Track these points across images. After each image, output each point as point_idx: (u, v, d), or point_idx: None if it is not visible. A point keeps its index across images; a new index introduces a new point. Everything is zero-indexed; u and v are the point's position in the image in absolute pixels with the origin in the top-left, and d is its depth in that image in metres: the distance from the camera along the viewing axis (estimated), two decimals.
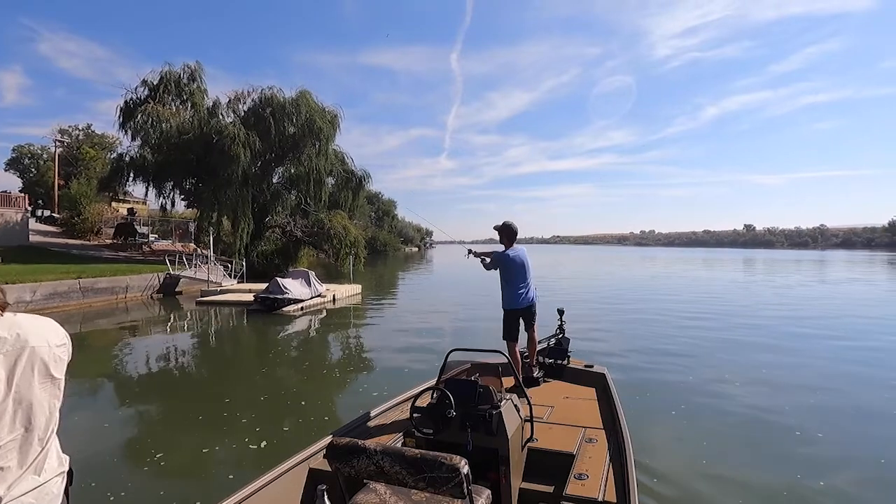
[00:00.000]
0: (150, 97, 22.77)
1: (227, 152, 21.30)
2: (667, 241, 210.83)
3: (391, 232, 76.62)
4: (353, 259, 26.48)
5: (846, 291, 21.63)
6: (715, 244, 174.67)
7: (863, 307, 16.21)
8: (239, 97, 24.45)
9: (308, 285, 15.04)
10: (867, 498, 3.92)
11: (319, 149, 24.71)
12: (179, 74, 23.99)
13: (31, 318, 1.13)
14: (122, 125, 22.81)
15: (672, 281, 27.78)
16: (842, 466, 4.41)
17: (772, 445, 4.82)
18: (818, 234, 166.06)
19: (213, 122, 22.66)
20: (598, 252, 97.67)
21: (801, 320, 12.97)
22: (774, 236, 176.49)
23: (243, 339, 11.56)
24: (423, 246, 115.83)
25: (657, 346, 9.55)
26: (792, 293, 20.60)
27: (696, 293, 20.21)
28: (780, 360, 8.46)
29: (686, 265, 45.42)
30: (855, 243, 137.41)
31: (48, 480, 1.09)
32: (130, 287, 16.80)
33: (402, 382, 6.61)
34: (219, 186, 22.29)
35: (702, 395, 6.44)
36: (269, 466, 2.69)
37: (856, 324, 12.56)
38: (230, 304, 15.20)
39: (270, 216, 26.96)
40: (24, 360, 1.04)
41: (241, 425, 5.35)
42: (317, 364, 8.65)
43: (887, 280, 29.95)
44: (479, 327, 11.92)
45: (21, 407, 1.04)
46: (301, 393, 6.72)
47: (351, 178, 29.59)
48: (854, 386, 6.97)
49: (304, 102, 23.91)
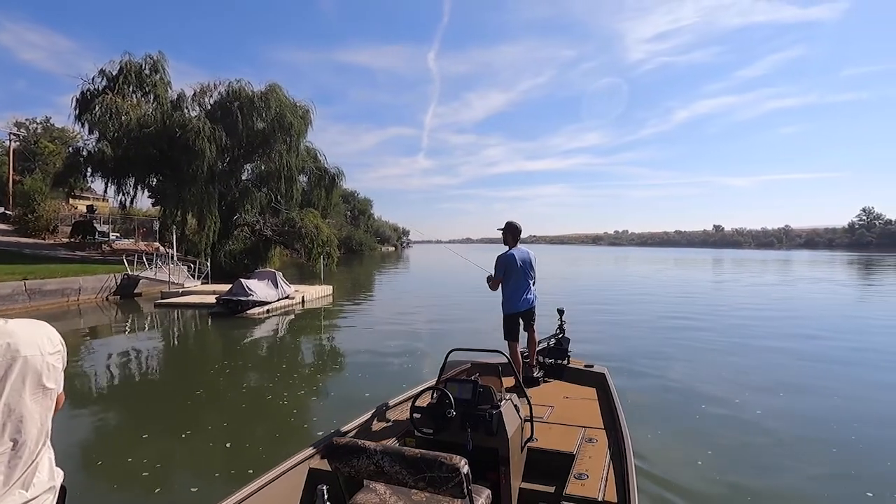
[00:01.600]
0: (108, 88, 21.56)
1: (191, 147, 20.36)
2: (640, 241, 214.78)
3: (367, 231, 75.75)
4: (326, 259, 25.78)
5: (825, 291, 22.09)
6: (686, 244, 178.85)
7: (845, 307, 16.49)
8: (205, 90, 23.46)
9: (275, 287, 14.36)
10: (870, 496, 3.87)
11: (290, 145, 23.90)
12: (141, 65, 22.80)
13: (24, 325, 1.05)
14: (79, 117, 21.58)
15: (659, 281, 27.98)
16: (843, 466, 4.41)
17: (771, 445, 4.81)
18: (783, 234, 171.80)
19: (177, 116, 21.61)
20: (575, 252, 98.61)
21: (790, 320, 13.01)
22: (742, 237, 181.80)
23: (202, 345, 10.86)
24: (400, 245, 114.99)
25: (654, 348, 9.43)
26: (773, 293, 20.89)
27: (684, 293, 20.29)
28: (777, 360, 8.47)
29: (667, 265, 46.04)
30: (817, 244, 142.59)
31: (37, 496, 1.03)
32: (84, 289, 15.78)
33: (372, 388, 6.45)
34: (183, 183, 21.32)
35: (702, 394, 6.44)
36: (269, 466, 2.66)
37: (840, 324, 12.67)
38: (191, 306, 14.40)
39: (239, 214, 25.98)
40: (14, 372, 0.99)
41: (195, 437, 4.94)
42: (279, 370, 8.08)
43: (862, 280, 30.87)
44: (455, 329, 11.52)
45: (10, 420, 0.99)
46: (263, 401, 6.17)
47: (324, 175, 28.87)
48: (852, 385, 6.98)
49: (273, 97, 23.09)
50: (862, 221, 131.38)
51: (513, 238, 4.66)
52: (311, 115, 25.24)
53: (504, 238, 4.70)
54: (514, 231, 4.67)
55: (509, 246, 4.66)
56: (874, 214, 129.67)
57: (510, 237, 4.67)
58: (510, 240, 4.67)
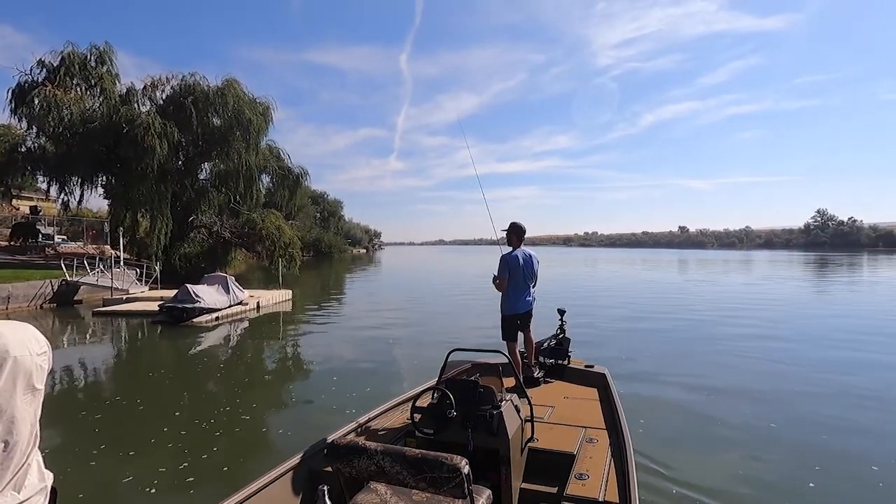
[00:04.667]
0: (48, 80, 20.04)
1: (139, 143, 19.12)
2: (609, 242, 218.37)
3: (337, 233, 74.28)
4: (288, 262, 24.76)
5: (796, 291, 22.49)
6: (653, 245, 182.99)
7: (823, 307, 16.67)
8: (156, 84, 22.18)
9: (226, 292, 13.44)
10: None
11: (249, 143, 22.83)
12: (86, 56, 21.31)
13: (10, 326, 1.03)
14: (14, 111, 20.00)
15: (658, 284, 28.04)
16: (845, 465, 4.44)
17: (772, 444, 4.82)
18: (744, 235, 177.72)
19: (125, 111, 20.27)
20: (548, 253, 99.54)
21: (772, 322, 12.93)
22: (706, 237, 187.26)
23: (137, 358, 9.90)
24: (371, 247, 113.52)
25: (655, 348, 9.42)
26: (752, 293, 21.11)
27: (677, 295, 20.24)
28: (777, 359, 8.54)
29: (648, 266, 46.58)
30: (775, 244, 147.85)
31: (29, 498, 1.02)
32: (13, 296, 14.47)
33: (328, 401, 6.23)
34: (131, 181, 20.05)
35: (702, 394, 6.46)
36: (270, 467, 2.63)
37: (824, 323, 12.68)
38: (134, 314, 13.32)
39: (196, 216, 24.70)
40: (5, 372, 0.96)
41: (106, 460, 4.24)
42: (221, 383, 7.31)
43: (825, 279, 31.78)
44: (421, 336, 10.92)
45: (2, 420, 0.96)
46: (198, 419, 5.43)
47: (287, 175, 27.87)
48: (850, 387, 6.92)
49: (231, 92, 22.01)
50: (816, 222, 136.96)
51: (517, 239, 4.67)
52: (272, 112, 24.25)
53: (508, 239, 4.72)
54: (519, 232, 4.67)
55: (513, 247, 4.66)
56: (827, 216, 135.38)
57: (514, 238, 4.68)
58: (514, 240, 4.68)
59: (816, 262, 49.73)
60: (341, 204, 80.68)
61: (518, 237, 4.70)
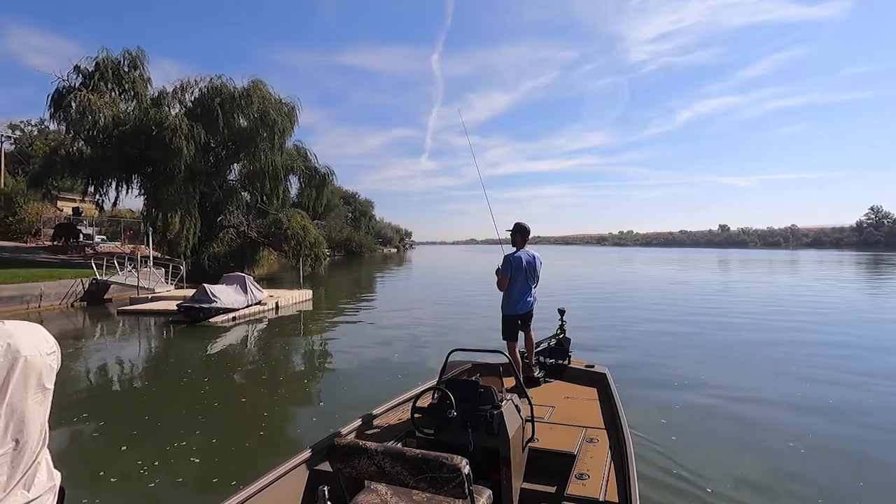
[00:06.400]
0: (83, 85, 20.73)
1: (168, 145, 19.50)
2: (645, 242, 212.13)
3: (368, 233, 74.93)
4: (313, 261, 24.85)
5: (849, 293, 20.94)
6: (691, 244, 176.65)
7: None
8: (185, 86, 22.65)
9: (244, 292, 13.41)
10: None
11: (275, 143, 23.01)
12: (119, 61, 21.96)
13: (20, 326, 1.03)
14: (53, 115, 20.78)
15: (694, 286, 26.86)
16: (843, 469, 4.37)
17: (773, 445, 4.76)
18: (789, 234, 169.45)
19: (153, 113, 20.75)
20: (582, 252, 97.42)
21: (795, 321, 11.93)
22: (748, 236, 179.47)
23: (149, 358, 9.87)
24: (402, 247, 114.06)
25: (659, 348, 9.20)
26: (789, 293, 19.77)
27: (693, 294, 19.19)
28: (785, 360, 8.21)
29: (693, 266, 44.82)
30: (824, 243, 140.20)
31: (38, 496, 1.03)
32: (46, 294, 14.90)
33: (336, 404, 6.11)
34: (161, 182, 20.48)
35: (702, 395, 6.38)
36: (271, 467, 2.64)
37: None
38: (155, 313, 13.47)
39: (224, 216, 25.13)
40: (17, 372, 0.97)
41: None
42: (226, 384, 7.11)
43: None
44: (446, 340, 10.48)
45: (13, 420, 0.97)
46: (203, 425, 5.21)
47: (314, 175, 28.06)
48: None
49: (256, 93, 22.25)
50: (870, 220, 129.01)
51: (521, 239, 4.65)
52: (297, 113, 24.43)
53: (513, 239, 4.70)
54: (523, 232, 4.66)
55: (517, 247, 4.65)
56: (882, 213, 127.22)
57: (519, 238, 4.66)
58: (518, 240, 4.66)
59: (870, 262, 46.61)
60: (372, 204, 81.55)
61: (522, 237, 4.66)
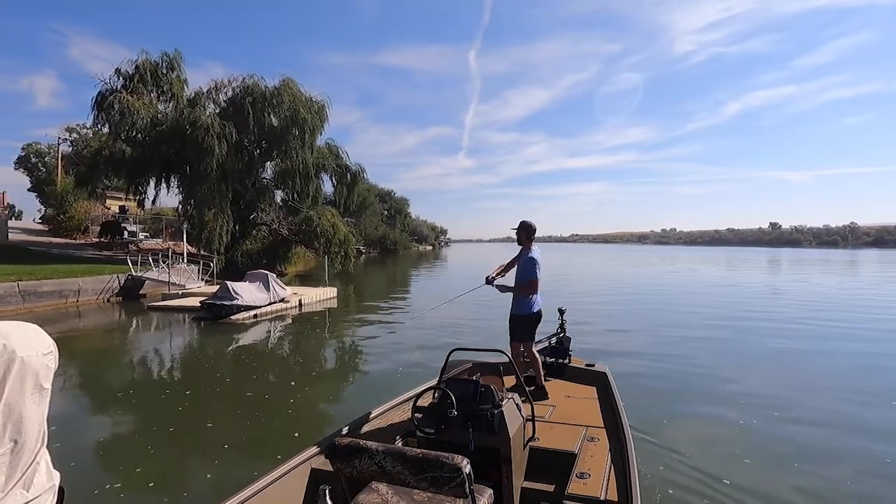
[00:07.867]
0: (123, 87, 21.43)
1: (200, 144, 19.88)
2: (689, 240, 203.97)
3: (403, 230, 75.28)
4: (343, 259, 24.89)
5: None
6: (739, 243, 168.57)
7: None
8: (219, 87, 23.09)
9: (266, 290, 13.37)
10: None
11: (305, 141, 23.13)
12: (157, 63, 22.60)
13: (15, 326, 1.02)
14: (96, 117, 21.56)
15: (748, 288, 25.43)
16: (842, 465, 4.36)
17: (774, 444, 4.75)
18: (848, 232, 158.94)
19: (187, 113, 21.23)
20: (620, 250, 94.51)
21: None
22: (802, 234, 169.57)
23: (167, 355, 9.85)
24: (437, 244, 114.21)
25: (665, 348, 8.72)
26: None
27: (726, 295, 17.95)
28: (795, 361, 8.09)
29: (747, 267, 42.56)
30: (888, 241, 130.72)
31: (37, 496, 1.03)
32: (83, 290, 15.40)
33: (353, 404, 5.98)
34: (194, 181, 20.94)
35: (703, 395, 6.38)
36: (271, 467, 2.64)
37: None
38: (182, 309, 13.63)
39: (256, 213, 25.54)
40: (13, 373, 0.96)
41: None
42: (236, 382, 6.91)
43: None
44: (468, 340, 10.03)
45: (11, 420, 0.97)
46: (215, 427, 4.99)
47: (345, 172, 28.13)
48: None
49: (287, 92, 22.40)
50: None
51: (527, 238, 4.57)
52: (327, 111, 24.48)
53: (518, 238, 4.60)
54: (530, 231, 4.59)
55: (524, 246, 4.56)
56: None
57: (524, 236, 4.57)
58: (524, 239, 4.56)
59: None
60: (407, 202, 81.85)
61: (528, 236, 4.56)
